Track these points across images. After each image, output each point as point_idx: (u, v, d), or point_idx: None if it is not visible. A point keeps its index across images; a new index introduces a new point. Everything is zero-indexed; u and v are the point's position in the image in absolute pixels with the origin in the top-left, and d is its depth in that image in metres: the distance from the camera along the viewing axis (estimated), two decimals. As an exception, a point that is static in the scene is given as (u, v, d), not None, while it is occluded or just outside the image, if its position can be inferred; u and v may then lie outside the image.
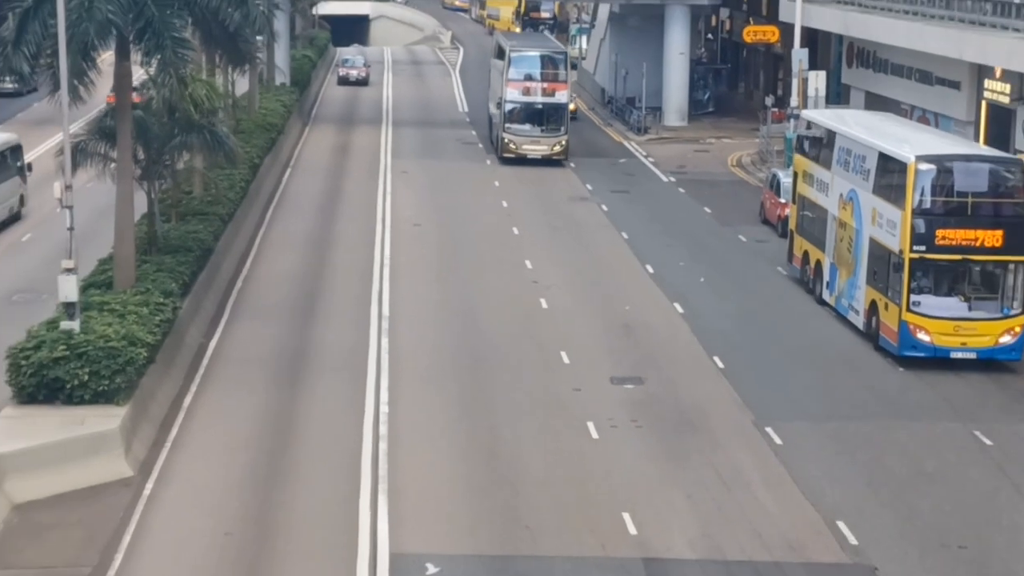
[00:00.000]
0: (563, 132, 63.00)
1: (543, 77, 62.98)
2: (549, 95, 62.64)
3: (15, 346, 29.36)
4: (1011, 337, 34.98)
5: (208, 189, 44.53)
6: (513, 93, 62.50)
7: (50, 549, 24.46)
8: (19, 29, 32.02)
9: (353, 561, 23.99)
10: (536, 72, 63.11)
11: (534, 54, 64.56)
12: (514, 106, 62.62)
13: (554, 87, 62.84)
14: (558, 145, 62.56)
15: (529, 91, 62.65)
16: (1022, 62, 46.63)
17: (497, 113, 64.22)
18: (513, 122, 62.65)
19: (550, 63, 63.77)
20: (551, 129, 62.88)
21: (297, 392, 32.87)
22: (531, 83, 62.72)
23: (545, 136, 62.69)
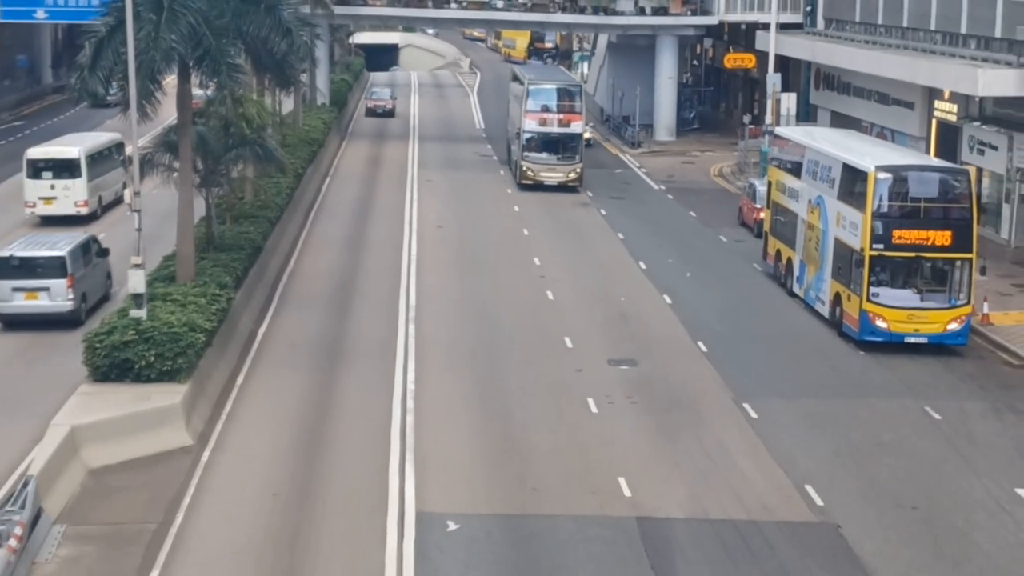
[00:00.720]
0: (578, 160, 59.49)
1: (559, 108, 59.53)
2: (565, 125, 59.31)
3: (91, 331, 29.53)
4: (958, 324, 35.01)
5: (258, 195, 44.60)
6: (531, 124, 59.01)
7: (120, 508, 24.55)
8: (94, 56, 32.17)
9: (384, 519, 24.06)
10: (553, 104, 59.60)
11: (551, 87, 60.84)
12: (532, 135, 58.99)
13: (570, 118, 59.47)
14: (573, 172, 59.22)
15: (546, 122, 59.23)
16: (967, 86, 46.57)
17: (516, 142, 60.85)
18: (531, 151, 59.07)
19: (566, 95, 60.32)
20: (567, 157, 59.37)
21: (335, 373, 32.92)
22: (548, 114, 59.30)
23: (561, 164, 59.19)
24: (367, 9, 78.33)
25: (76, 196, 48.05)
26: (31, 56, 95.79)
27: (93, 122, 70.98)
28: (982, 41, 48.68)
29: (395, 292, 40.91)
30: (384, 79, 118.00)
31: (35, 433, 26.71)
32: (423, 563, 22.38)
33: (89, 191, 48.78)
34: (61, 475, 24.79)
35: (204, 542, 23.20)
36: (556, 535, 23.57)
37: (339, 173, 64.89)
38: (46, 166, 48.61)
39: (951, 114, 51.27)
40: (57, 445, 25.12)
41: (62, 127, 76.13)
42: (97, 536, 23.25)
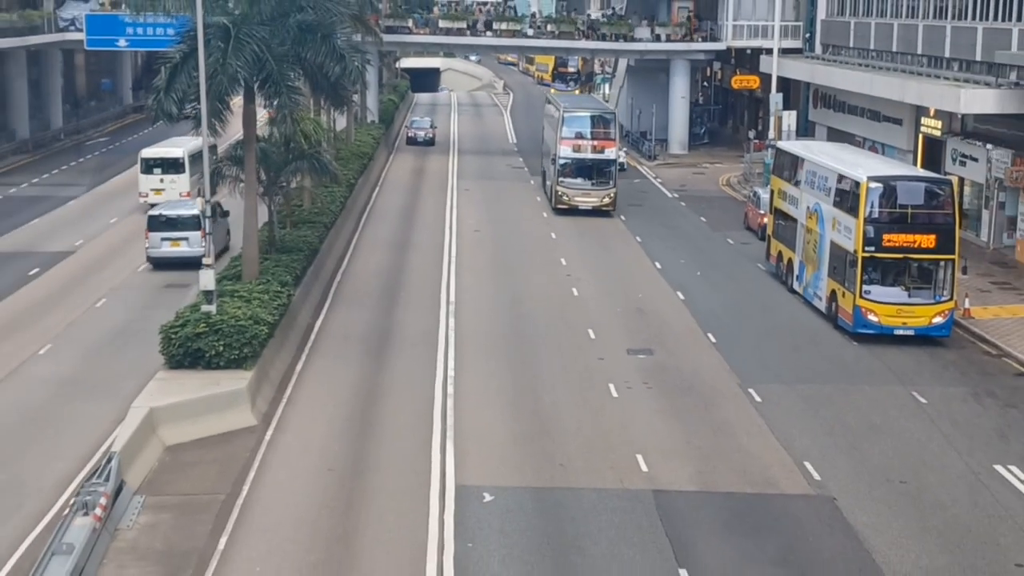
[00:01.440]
0: (612, 185, 55.08)
1: (594, 135, 55.24)
2: (599, 152, 54.99)
3: (166, 324, 29.67)
4: (942, 318, 34.87)
5: (315, 203, 44.71)
6: (566, 150, 54.86)
7: (193, 481, 24.67)
8: (169, 80, 32.34)
9: (427, 491, 24.11)
10: (587, 131, 55.37)
11: (585, 115, 56.38)
12: (567, 162, 54.87)
13: (604, 144, 55.10)
14: (607, 197, 54.87)
15: (581, 148, 55.02)
16: (950, 104, 46.47)
17: (551, 167, 56.51)
18: (566, 176, 54.98)
19: (600, 122, 55.88)
20: (601, 183, 55.06)
21: (383, 361, 32.99)
22: (583, 141, 55.13)
23: (596, 189, 54.92)
24: (412, 37, 78.42)
25: (180, 188, 51.24)
26: (114, 80, 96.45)
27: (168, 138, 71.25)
28: (964, 64, 48.53)
29: (437, 289, 40.96)
30: (427, 99, 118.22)
31: (118, 414, 26.90)
32: (462, 530, 22.42)
33: (191, 184, 51.09)
34: (141, 451, 24.97)
35: (267, 511, 23.30)
36: (580, 505, 23.57)
37: (387, 183, 65.01)
38: (156, 163, 52.73)
39: (936, 129, 51.14)
40: (137, 425, 25.29)
41: (140, 143, 76.54)
42: (172, 506, 23.37)
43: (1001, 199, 47.14)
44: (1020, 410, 29.89)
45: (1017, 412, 29.74)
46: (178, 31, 34.21)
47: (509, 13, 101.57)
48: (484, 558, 21.36)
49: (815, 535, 22.64)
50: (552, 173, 56.27)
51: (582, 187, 55.04)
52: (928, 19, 52.36)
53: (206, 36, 30.70)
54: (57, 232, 49.27)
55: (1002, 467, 26.05)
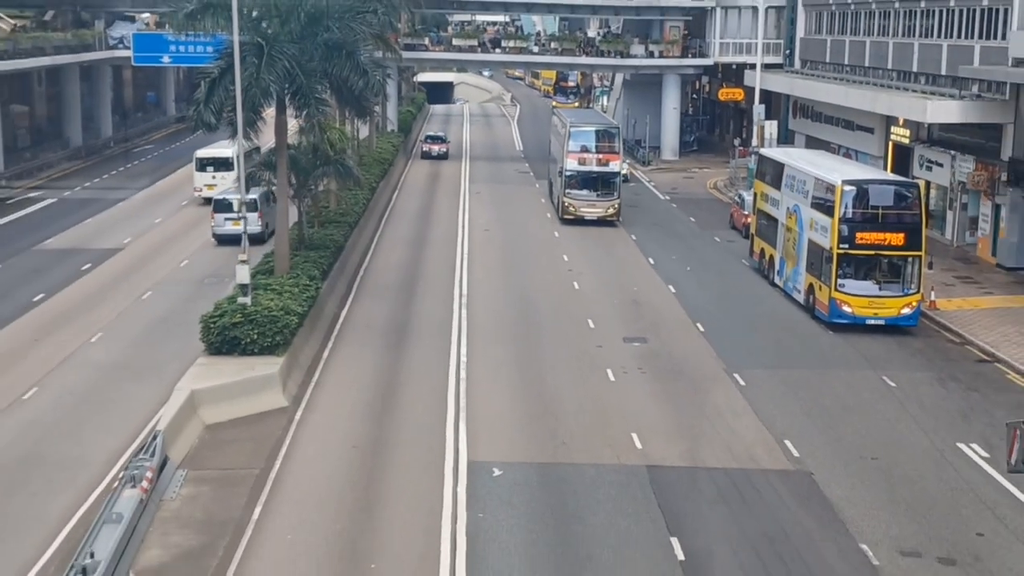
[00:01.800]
0: (616, 196, 52.84)
1: (599, 149, 52.80)
2: (604, 164, 52.61)
3: (206, 314, 29.68)
4: (909, 309, 34.82)
5: (340, 204, 44.75)
6: (572, 163, 52.43)
7: (230, 456, 24.70)
8: (208, 92, 32.32)
9: (441, 466, 24.13)
10: (592, 145, 52.84)
11: (591, 129, 53.67)
12: (573, 174, 52.51)
13: (608, 158, 52.72)
14: (612, 208, 52.70)
15: (586, 161, 52.66)
16: (917, 114, 46.41)
17: (558, 179, 54.35)
18: (572, 188, 52.57)
19: (605, 137, 53.33)
20: (605, 194, 52.71)
21: (402, 348, 32.98)
22: (588, 154, 52.72)
23: (600, 200, 52.57)
24: (428, 53, 78.32)
25: (228, 183, 51.06)
26: (158, 93, 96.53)
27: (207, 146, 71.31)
28: (930, 78, 48.46)
29: (450, 283, 40.93)
30: (441, 110, 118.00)
31: (162, 396, 26.91)
32: (474, 501, 22.42)
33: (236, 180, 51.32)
34: (183, 430, 25.00)
35: (297, 484, 23.32)
36: (581, 480, 23.56)
37: (405, 186, 64.94)
38: (209, 162, 54.58)
39: (904, 137, 51.02)
40: (180, 405, 25.32)
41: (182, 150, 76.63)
42: (212, 479, 23.41)
43: (964, 201, 47.05)
44: (981, 393, 29.81)
45: (978, 395, 29.67)
46: (216, 48, 34.19)
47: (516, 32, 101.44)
48: (493, 527, 21.36)
49: (794, 506, 22.60)
50: (559, 185, 54.28)
51: (588, 198, 52.83)
52: (898, 37, 52.24)
53: (242, 53, 30.67)
54: (107, 231, 49.32)
55: (964, 445, 25.99)
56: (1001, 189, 43.40)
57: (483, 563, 19.94)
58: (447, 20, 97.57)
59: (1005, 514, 22.46)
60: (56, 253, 44.87)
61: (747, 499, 22.90)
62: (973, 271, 43.17)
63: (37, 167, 65.57)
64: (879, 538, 21.23)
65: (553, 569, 19.83)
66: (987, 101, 43.48)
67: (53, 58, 66.95)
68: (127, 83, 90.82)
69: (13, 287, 39.07)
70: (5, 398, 28.03)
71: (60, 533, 21.03)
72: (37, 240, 47.05)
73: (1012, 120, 42.79)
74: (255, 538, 20.86)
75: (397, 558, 20.12)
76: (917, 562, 20.38)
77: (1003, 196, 43.44)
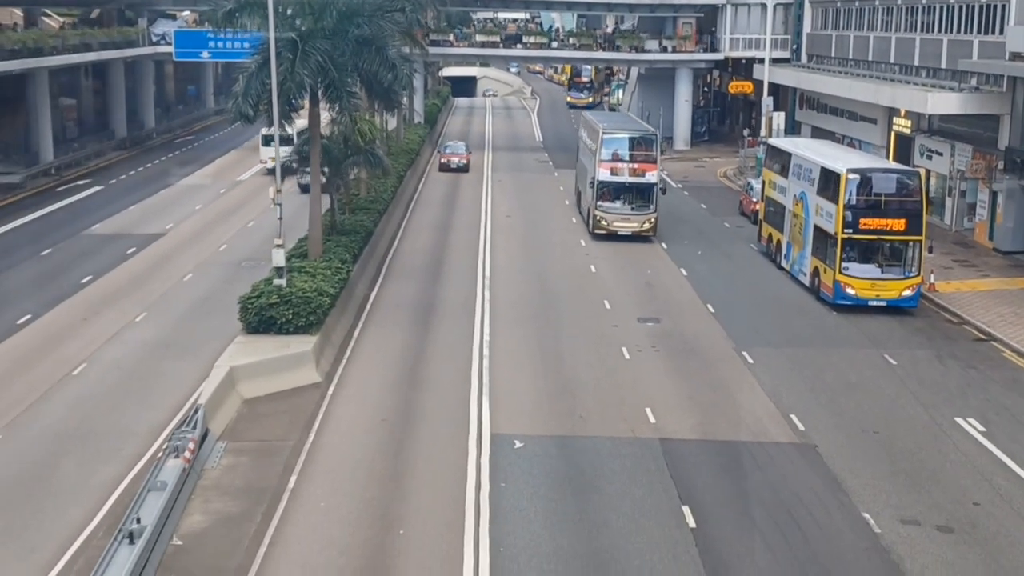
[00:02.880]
0: (653, 210, 45.63)
1: (633, 158, 45.67)
2: (639, 175, 45.47)
3: (244, 296, 29.79)
4: (910, 291, 34.68)
5: (370, 192, 44.78)
6: (605, 173, 45.49)
7: (267, 428, 24.81)
8: (245, 86, 32.37)
9: (466, 438, 24.19)
10: (627, 153, 45.77)
11: (625, 136, 46.50)
12: (606, 185, 45.69)
13: (644, 167, 45.55)
14: (647, 222, 45.57)
15: (620, 171, 45.57)
16: (919, 106, 46.18)
17: (588, 190, 47.33)
18: (604, 200, 45.80)
19: (641, 144, 46.17)
20: (641, 207, 45.73)
21: (428, 327, 33.04)
22: (622, 163, 45.61)
23: (635, 214, 45.66)
24: (453, 49, 78.21)
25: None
26: (198, 86, 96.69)
27: (245, 137, 71.62)
28: (931, 71, 48.18)
29: (474, 265, 40.96)
30: (465, 103, 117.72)
31: (203, 372, 27.05)
32: (496, 472, 22.47)
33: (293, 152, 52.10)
34: (223, 403, 25.12)
35: (330, 454, 23.42)
36: (597, 452, 23.60)
37: (431, 175, 64.91)
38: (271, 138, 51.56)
39: (906, 128, 50.75)
40: (220, 381, 25.44)
41: (221, 141, 76.97)
42: (250, 450, 23.53)
43: (962, 188, 46.78)
44: (978, 370, 29.70)
45: (975, 372, 29.55)
46: (253, 44, 34.21)
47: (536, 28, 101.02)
48: (515, 496, 21.42)
49: (799, 477, 22.58)
50: (589, 196, 47.18)
51: (621, 211, 45.97)
52: (900, 32, 51.88)
53: (277, 49, 30.69)
54: (151, 217, 49.52)
55: (962, 419, 25.91)
56: (998, 177, 43.18)
57: (505, 529, 20.00)
58: (471, 17, 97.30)
59: (1000, 484, 22.39)
60: (103, 238, 45.11)
61: (754, 470, 22.87)
62: (971, 255, 42.94)
63: (84, 157, 65.85)
64: (880, 507, 21.20)
65: (571, 535, 19.89)
66: (985, 93, 43.24)
67: (99, 54, 67.14)
68: (168, 77, 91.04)
69: (63, 270, 39.31)
70: (56, 373, 28.25)
71: (108, 500, 21.20)
72: (85, 225, 47.30)
73: (1009, 111, 42.57)
74: (291, 505, 20.97)
75: (424, 524, 20.20)
76: (916, 530, 20.35)
77: (1000, 183, 43.20)
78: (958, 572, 18.85)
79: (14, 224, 47.87)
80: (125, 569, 16.75)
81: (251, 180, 59.44)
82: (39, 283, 37.29)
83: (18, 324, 32.50)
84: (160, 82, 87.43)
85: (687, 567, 18.76)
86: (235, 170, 63.53)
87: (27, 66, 57.49)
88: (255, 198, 52.16)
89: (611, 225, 45.83)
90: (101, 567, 16.83)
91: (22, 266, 39.88)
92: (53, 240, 44.18)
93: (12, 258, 41.04)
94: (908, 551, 19.53)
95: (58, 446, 23.75)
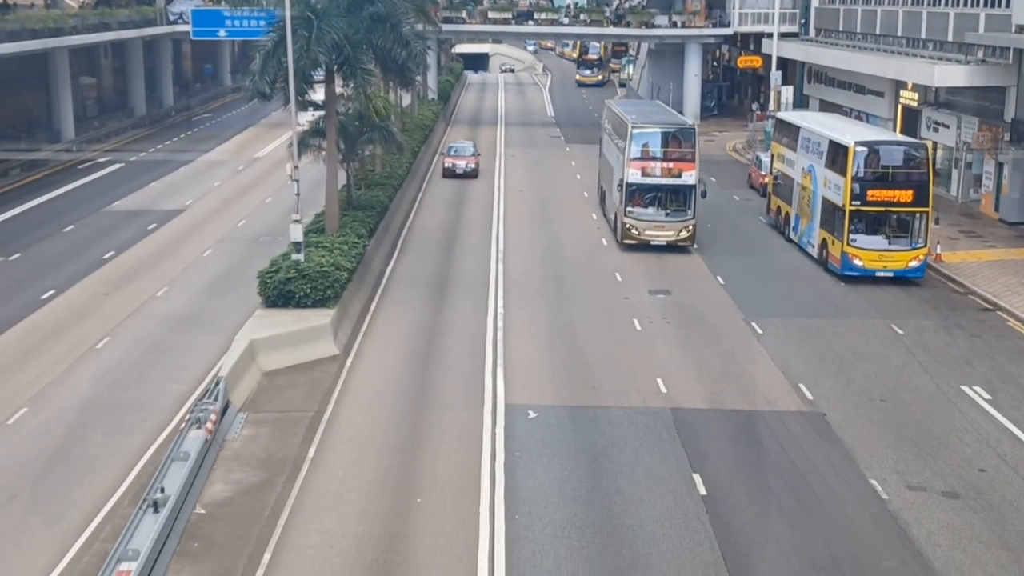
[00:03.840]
0: (691, 216, 38.64)
1: (668, 156, 38.79)
2: (675, 175, 38.53)
3: (262, 270, 29.85)
4: (917, 262, 34.57)
5: (385, 168, 44.72)
6: (635, 174, 38.58)
7: (286, 400, 24.92)
8: (262, 64, 32.31)
9: (481, 409, 24.28)
10: (661, 150, 38.90)
11: (658, 130, 39.27)
12: (636, 188, 38.67)
13: (681, 167, 38.48)
14: (685, 230, 38.56)
15: (653, 171, 38.64)
16: (925, 78, 45.83)
17: (617, 193, 39.85)
18: (635, 204, 38.81)
19: (677, 139, 39.10)
20: (677, 212, 38.76)
21: (443, 301, 33.09)
22: (655, 162, 38.70)
23: (670, 220, 38.68)
24: (465, 26, 77.84)
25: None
26: (215, 65, 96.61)
27: (261, 114, 71.58)
28: (937, 44, 47.80)
29: (487, 239, 40.95)
30: (478, 79, 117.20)
31: (223, 345, 27.18)
32: (511, 442, 22.56)
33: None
34: (243, 376, 25.22)
35: (348, 425, 23.53)
36: (609, 421, 23.65)
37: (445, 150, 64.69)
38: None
39: (913, 101, 50.43)
40: (240, 354, 25.52)
41: (239, 118, 76.93)
42: (270, 420, 23.65)
43: (969, 160, 46.53)
44: (983, 340, 29.63)
45: (981, 341, 29.49)
46: (269, 23, 34.13)
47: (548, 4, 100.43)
48: (529, 465, 21.50)
49: (808, 445, 22.60)
50: (616, 200, 40.13)
51: (654, 218, 38.89)
52: (907, 6, 51.46)
53: (293, 27, 30.62)
54: (170, 194, 49.61)
55: (968, 388, 25.88)
56: (1004, 148, 42.93)
57: (520, 497, 20.09)
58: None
59: (1006, 451, 22.39)
60: (124, 214, 45.22)
61: (764, 439, 22.90)
62: (977, 226, 42.75)
63: (104, 135, 65.93)
64: (887, 474, 21.22)
65: (585, 502, 19.97)
66: (991, 65, 42.91)
67: (118, 33, 67.13)
68: (186, 56, 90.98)
69: (85, 246, 39.45)
70: (80, 347, 28.41)
71: (132, 470, 21.36)
72: (106, 202, 47.41)
73: (1015, 83, 42.29)
74: (310, 474, 21.10)
75: (441, 493, 20.29)
76: (923, 496, 20.37)
77: (1006, 155, 42.96)
78: (964, 537, 18.89)
79: (38, 201, 48.01)
80: (150, 537, 16.91)
81: (268, 157, 59.40)
82: (62, 259, 37.44)
83: (42, 299, 32.66)
84: (178, 61, 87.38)
85: (698, 534, 18.82)
86: (253, 147, 63.53)
87: (48, 45, 57.54)
88: (272, 175, 52.17)
89: (643, 234, 38.64)
90: (127, 535, 16.98)
91: (46, 242, 40.02)
92: (75, 217, 44.32)
93: (36, 234, 41.19)
94: (915, 517, 19.57)
95: (83, 418, 23.90)
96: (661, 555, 18.11)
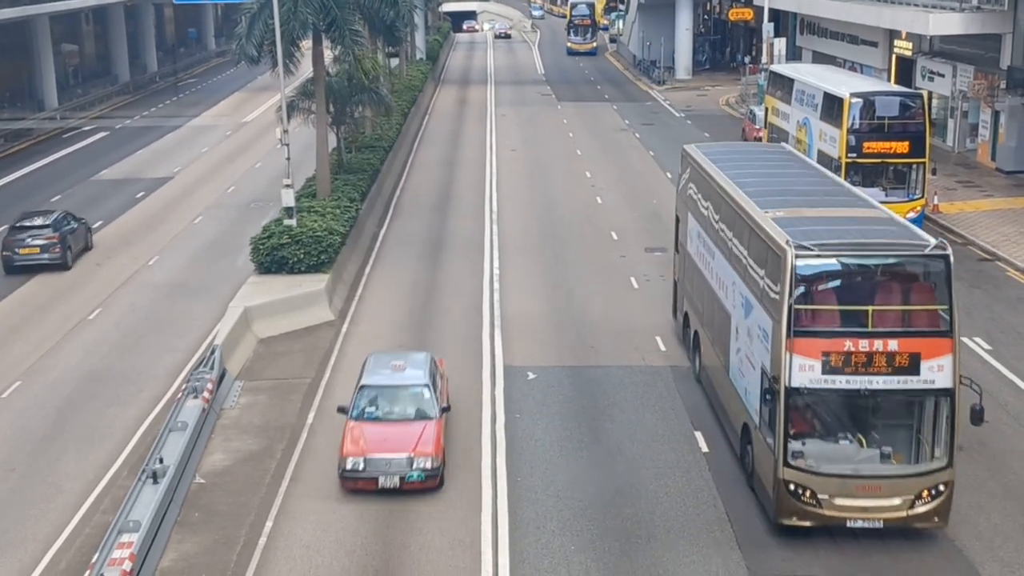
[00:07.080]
0: (944, 462, 16.97)
1: (881, 319, 16.92)
2: (903, 370, 16.72)
3: (255, 236, 29.77)
4: (914, 213, 34.38)
5: (375, 130, 44.46)
6: (811, 372, 16.29)
7: (283, 367, 24.91)
8: (248, 27, 32.04)
9: (480, 371, 24.28)
10: (868, 316, 16.80)
11: (864, 274, 17.99)
12: (817, 397, 16.80)
13: (918, 348, 16.92)
14: (928, 499, 16.89)
15: (856, 364, 16.42)
16: (920, 27, 45.51)
17: (764, 409, 17.32)
18: (808, 433, 16.94)
19: (904, 288, 18.26)
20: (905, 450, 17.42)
21: (438, 263, 33.02)
22: (859, 351, 16.45)
23: (897, 476, 16.90)
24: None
25: None
26: (199, 29, 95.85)
27: (247, 78, 71.07)
28: (932, -8, 47.42)
29: (481, 199, 40.83)
30: (466, 38, 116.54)
31: (218, 313, 27.15)
32: (510, 403, 22.59)
33: None
34: (239, 344, 25.23)
35: (346, 391, 23.35)
36: (609, 380, 23.69)
37: (434, 111, 64.50)
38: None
39: (907, 50, 50.17)
40: (235, 321, 25.51)
41: (224, 83, 76.41)
42: (267, 388, 23.67)
43: (964, 109, 46.38)
44: (983, 290, 29.64)
45: (980, 292, 29.50)
46: (255, -15, 33.78)
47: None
48: (530, 426, 21.53)
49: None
50: (757, 417, 17.97)
51: (859, 467, 16.96)
52: (900, -46, 51.05)
53: (279, -12, 30.34)
54: (158, 161, 49.35)
55: (968, 339, 25.82)
56: (1000, 96, 42.78)
57: (522, 459, 20.13)
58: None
59: (1007, 401, 22.45)
60: (111, 183, 44.97)
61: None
62: (974, 175, 42.68)
63: (88, 102, 65.47)
64: (889, 427, 21.18)
65: (587, 462, 20.01)
66: (986, 12, 42.60)
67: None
68: (169, 20, 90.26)
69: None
70: (72, 319, 28.34)
71: (130, 441, 21.36)
72: (93, 171, 47.15)
73: (1010, 30, 41.98)
74: (310, 441, 21.12)
75: (441, 456, 20.29)
76: (925, 449, 20.35)
77: (1002, 103, 42.82)
78: (967, 488, 18.94)
79: (23, 171, 47.73)
80: (150, 507, 16.92)
81: (256, 121, 59.06)
82: (51, 230, 37.19)
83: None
84: (160, 26, 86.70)
85: (701, 491, 18.88)
86: (240, 112, 63.14)
87: (28, 13, 57.00)
88: (261, 139, 51.87)
89: (832, 505, 16.79)
90: (127, 506, 16.99)
91: (34, 213, 39.75)
92: (63, 186, 44.07)
93: (23, 205, 40.89)
94: (918, 469, 19.52)
95: (78, 390, 23.88)
96: (664, 513, 18.18)
